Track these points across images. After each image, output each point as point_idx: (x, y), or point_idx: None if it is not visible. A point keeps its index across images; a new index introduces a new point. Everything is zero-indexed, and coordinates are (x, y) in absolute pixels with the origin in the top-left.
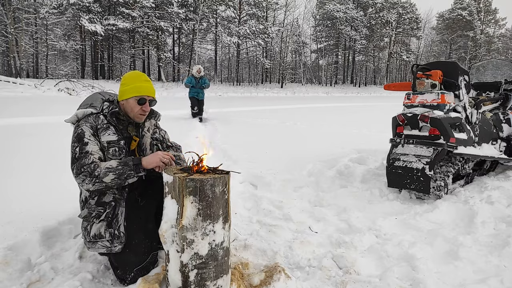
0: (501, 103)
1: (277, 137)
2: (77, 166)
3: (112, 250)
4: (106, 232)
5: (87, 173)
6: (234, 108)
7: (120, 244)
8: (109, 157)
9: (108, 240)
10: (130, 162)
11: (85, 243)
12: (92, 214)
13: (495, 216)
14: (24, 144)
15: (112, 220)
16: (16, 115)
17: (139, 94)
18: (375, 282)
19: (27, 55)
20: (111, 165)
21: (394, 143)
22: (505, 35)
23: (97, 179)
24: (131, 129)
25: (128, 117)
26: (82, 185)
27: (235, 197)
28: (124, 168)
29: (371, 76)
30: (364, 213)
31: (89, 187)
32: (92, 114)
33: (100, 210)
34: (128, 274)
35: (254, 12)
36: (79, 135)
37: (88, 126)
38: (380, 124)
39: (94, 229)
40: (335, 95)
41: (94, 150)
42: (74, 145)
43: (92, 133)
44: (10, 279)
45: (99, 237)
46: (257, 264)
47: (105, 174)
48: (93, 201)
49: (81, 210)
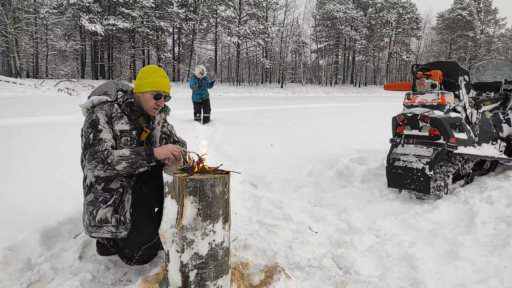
0: (501, 103)
1: (277, 137)
2: (90, 152)
3: (117, 235)
4: (112, 217)
5: (100, 159)
6: (234, 108)
7: (126, 230)
8: (121, 146)
9: (113, 226)
10: (142, 152)
11: (87, 228)
12: (98, 199)
13: (495, 216)
14: (24, 144)
15: (119, 206)
16: (16, 115)
17: (156, 89)
18: (375, 282)
19: (27, 55)
20: (124, 153)
21: (394, 143)
22: (505, 35)
23: (109, 166)
24: (141, 120)
25: (141, 109)
26: (93, 171)
27: (235, 197)
28: (136, 158)
29: (371, 76)
30: (364, 213)
31: (99, 173)
32: (107, 102)
33: (106, 196)
34: (135, 252)
35: (254, 12)
36: (94, 122)
37: (103, 114)
38: (380, 124)
39: (100, 214)
40: (335, 95)
41: (107, 137)
42: (88, 131)
43: (106, 120)
44: (10, 279)
45: (105, 221)
46: (257, 264)
47: (117, 162)
48: (99, 186)
49: (85, 195)
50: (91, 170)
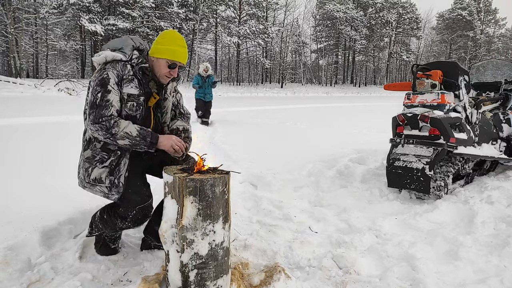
0: (501, 103)
1: (277, 137)
2: (96, 114)
3: (109, 197)
4: (106, 178)
5: (105, 127)
6: (234, 108)
7: (118, 193)
8: (126, 110)
9: (107, 187)
10: (148, 139)
11: (81, 182)
12: (95, 158)
13: (495, 216)
14: (24, 144)
15: (114, 168)
16: (16, 115)
17: (172, 58)
18: (375, 282)
19: (27, 55)
20: (130, 132)
21: (394, 143)
22: (505, 35)
23: (112, 136)
24: (152, 85)
25: (153, 74)
26: (94, 133)
27: (235, 197)
28: (140, 141)
29: (371, 76)
30: (364, 213)
31: (99, 137)
32: (121, 61)
33: (104, 156)
34: (130, 211)
35: (254, 12)
36: (104, 80)
37: (114, 74)
38: (380, 124)
39: (95, 173)
40: (335, 95)
41: (115, 100)
42: (97, 89)
43: (116, 81)
44: (10, 279)
45: (99, 181)
46: (257, 264)
47: (121, 137)
48: (98, 144)
49: (83, 149)
50: (92, 131)
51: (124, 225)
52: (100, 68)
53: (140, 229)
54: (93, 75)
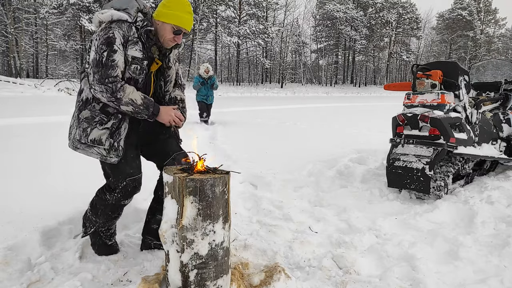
0: (501, 103)
1: (277, 137)
2: (102, 74)
3: (107, 159)
4: (107, 140)
5: (110, 89)
6: (234, 108)
7: (117, 157)
8: (129, 72)
9: (105, 149)
10: (151, 108)
11: (74, 142)
12: (95, 119)
13: (495, 216)
14: (24, 144)
15: (115, 131)
16: (16, 115)
17: (179, 24)
18: (375, 282)
19: (27, 55)
20: (135, 99)
21: (394, 143)
22: (505, 35)
23: (116, 100)
24: (154, 50)
25: (157, 39)
26: (96, 93)
27: (235, 197)
28: (143, 110)
29: (371, 76)
30: (364, 213)
31: (102, 99)
32: (126, 22)
33: (103, 118)
34: (120, 182)
35: (254, 12)
36: (110, 39)
37: (120, 34)
38: (380, 124)
39: (94, 134)
40: (335, 95)
41: (120, 61)
42: (102, 47)
43: (122, 42)
44: (10, 279)
45: (98, 143)
46: (257, 264)
47: (126, 103)
48: (97, 106)
49: (79, 109)
50: (95, 91)
51: (113, 197)
52: (105, 26)
53: (140, 228)
54: (97, 33)
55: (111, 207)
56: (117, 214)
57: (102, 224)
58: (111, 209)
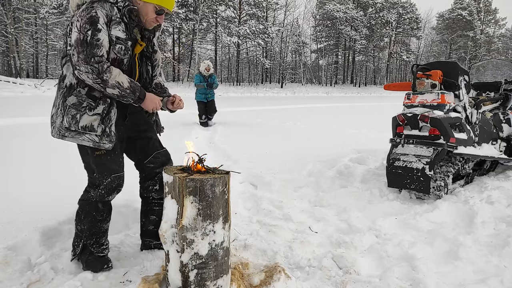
0: (501, 103)
1: (277, 137)
2: (88, 53)
3: (100, 146)
4: (99, 127)
5: (96, 70)
6: (234, 108)
7: (110, 142)
8: (114, 52)
9: (98, 135)
10: (137, 93)
11: (61, 130)
12: (82, 104)
13: (495, 216)
14: (24, 144)
15: (106, 116)
16: (16, 115)
17: (161, 4)
18: (375, 282)
19: (27, 55)
20: (122, 83)
21: (394, 143)
22: (505, 35)
23: (102, 82)
24: (136, 32)
25: (139, 19)
26: (81, 74)
27: (235, 197)
28: (129, 94)
29: (371, 76)
30: (364, 213)
31: (86, 80)
32: (108, 2)
33: (91, 103)
34: (105, 178)
35: (254, 12)
36: (93, 18)
37: (103, 13)
38: (380, 124)
39: (85, 120)
40: (335, 95)
41: (105, 41)
42: (86, 26)
43: (105, 21)
44: (10, 279)
45: (90, 129)
46: (257, 264)
47: (112, 85)
48: (83, 90)
49: (63, 95)
50: (79, 72)
51: (97, 194)
52: (86, 6)
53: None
54: (77, 14)
55: (95, 206)
56: (101, 216)
57: (89, 234)
58: (95, 208)
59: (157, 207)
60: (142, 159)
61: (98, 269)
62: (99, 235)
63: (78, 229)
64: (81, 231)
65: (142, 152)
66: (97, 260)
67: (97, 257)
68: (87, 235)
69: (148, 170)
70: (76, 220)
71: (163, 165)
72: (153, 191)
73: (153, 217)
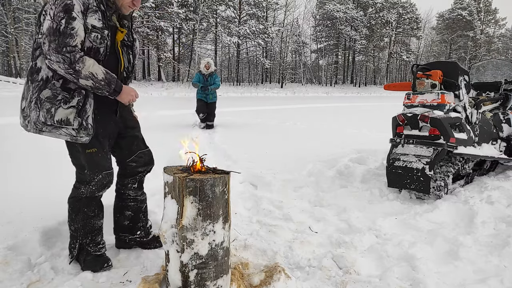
0: (501, 103)
1: (277, 137)
2: (60, 42)
3: (77, 139)
4: (75, 120)
5: (68, 60)
6: (234, 108)
7: (87, 135)
8: (90, 40)
9: (74, 129)
10: (112, 85)
11: (37, 124)
12: (57, 97)
13: (495, 216)
14: (24, 144)
15: (81, 109)
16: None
17: None
18: (375, 282)
19: (27, 55)
20: (96, 74)
21: (394, 143)
22: (505, 35)
23: (74, 73)
24: (114, 19)
25: (116, 6)
26: (52, 64)
27: (235, 197)
28: (104, 86)
29: (371, 76)
30: (364, 213)
31: (57, 70)
32: None
33: (66, 96)
34: (96, 175)
35: (254, 12)
36: (68, 6)
37: (80, 1)
38: (380, 124)
39: (60, 114)
40: (335, 95)
41: (80, 29)
42: (60, 15)
43: (81, 10)
44: (10, 279)
45: (66, 123)
46: (257, 264)
47: (85, 76)
48: (58, 83)
49: (38, 88)
50: (50, 62)
51: (88, 190)
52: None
53: None
54: (51, 2)
55: (84, 202)
56: (93, 212)
57: (83, 232)
58: (85, 204)
59: (133, 203)
60: (125, 157)
61: (98, 268)
62: (94, 233)
63: (72, 229)
64: (76, 231)
65: (126, 150)
66: (96, 259)
67: (95, 256)
68: (82, 234)
69: (130, 168)
70: (69, 221)
71: (145, 164)
72: (131, 189)
73: (128, 212)
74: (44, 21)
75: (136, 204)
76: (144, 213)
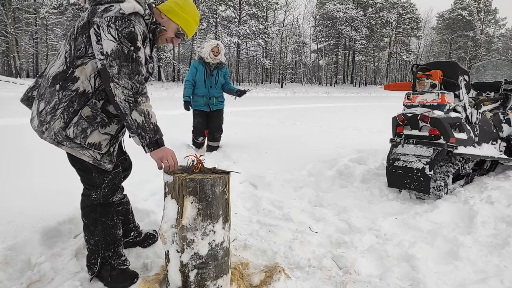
0: (501, 103)
1: (277, 137)
2: (133, 69)
3: (100, 165)
4: (106, 147)
5: (136, 89)
6: (234, 108)
7: (110, 163)
8: (148, 70)
9: (100, 154)
10: (157, 136)
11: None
12: (96, 119)
13: (495, 216)
14: (24, 144)
15: (115, 137)
16: (16, 115)
17: (185, 28)
18: (375, 282)
19: (27, 55)
20: (151, 115)
21: (394, 143)
22: (505, 35)
23: (134, 103)
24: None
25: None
26: (116, 87)
27: (235, 197)
28: (149, 131)
29: (371, 76)
30: (364, 213)
31: (117, 95)
32: (139, 15)
33: (104, 118)
34: (105, 176)
35: (254, 12)
36: (133, 35)
37: (140, 30)
38: (380, 124)
39: (94, 137)
40: (335, 95)
41: (143, 60)
42: (126, 42)
43: (142, 39)
44: (10, 279)
45: (96, 147)
46: (257, 264)
47: (141, 111)
48: (99, 103)
49: (76, 102)
50: (115, 85)
51: (101, 194)
52: (122, 16)
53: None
54: (107, 19)
55: (102, 211)
56: (112, 221)
57: (105, 244)
58: (103, 213)
59: (120, 207)
60: None
61: (127, 284)
62: (116, 244)
63: (92, 243)
64: (96, 244)
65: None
66: (123, 274)
67: (121, 270)
68: (104, 247)
69: None
70: (86, 234)
71: (125, 170)
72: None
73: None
74: (104, 40)
75: (124, 207)
76: (131, 213)
